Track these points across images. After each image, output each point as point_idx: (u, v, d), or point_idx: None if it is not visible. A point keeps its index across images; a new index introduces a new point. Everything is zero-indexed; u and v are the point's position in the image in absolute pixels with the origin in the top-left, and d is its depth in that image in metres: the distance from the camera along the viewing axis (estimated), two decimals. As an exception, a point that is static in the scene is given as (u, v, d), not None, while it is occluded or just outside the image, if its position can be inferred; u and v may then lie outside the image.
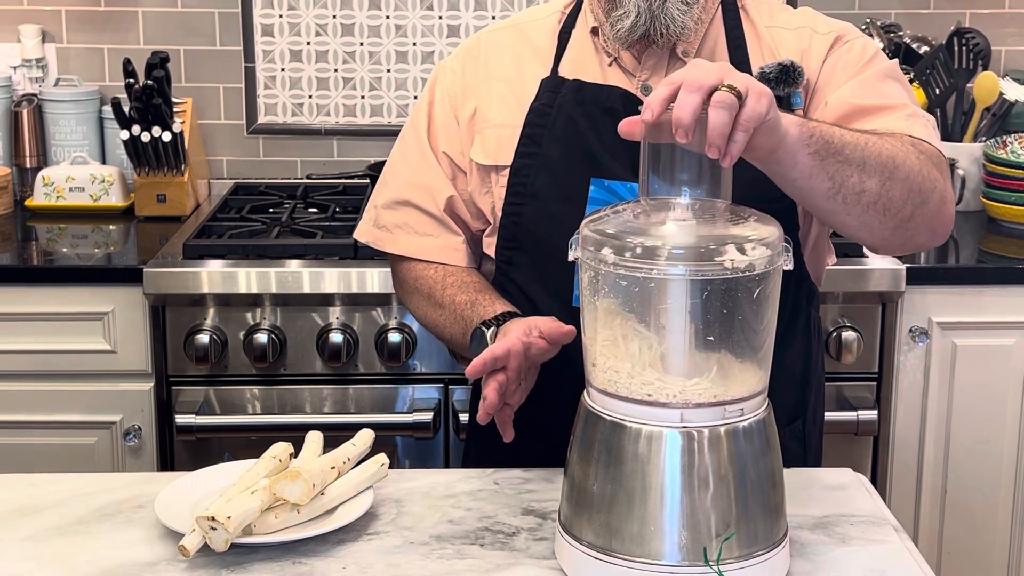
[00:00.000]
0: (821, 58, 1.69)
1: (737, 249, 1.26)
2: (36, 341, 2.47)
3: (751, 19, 1.73)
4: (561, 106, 1.69)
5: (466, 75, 1.78)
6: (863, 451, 2.54)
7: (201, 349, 2.42)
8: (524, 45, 1.77)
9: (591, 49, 1.73)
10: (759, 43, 1.71)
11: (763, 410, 1.32)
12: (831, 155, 1.43)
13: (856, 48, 1.71)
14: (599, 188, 1.65)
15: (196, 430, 2.45)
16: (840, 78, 1.67)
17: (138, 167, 2.79)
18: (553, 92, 1.71)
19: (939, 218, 1.58)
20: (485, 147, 1.73)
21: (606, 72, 1.71)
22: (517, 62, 1.76)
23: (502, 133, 1.72)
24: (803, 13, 1.77)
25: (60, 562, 1.39)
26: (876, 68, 1.68)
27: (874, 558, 1.40)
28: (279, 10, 3.03)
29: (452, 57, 1.83)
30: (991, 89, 2.90)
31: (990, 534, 2.57)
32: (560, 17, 1.77)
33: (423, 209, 1.78)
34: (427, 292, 1.77)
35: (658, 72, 1.69)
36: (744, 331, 1.28)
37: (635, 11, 1.63)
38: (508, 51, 1.77)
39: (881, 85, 1.67)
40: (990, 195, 2.82)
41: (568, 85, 1.71)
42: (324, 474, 1.47)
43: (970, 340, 2.51)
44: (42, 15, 3.01)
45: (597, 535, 1.30)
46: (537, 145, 1.69)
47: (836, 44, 1.70)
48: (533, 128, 1.70)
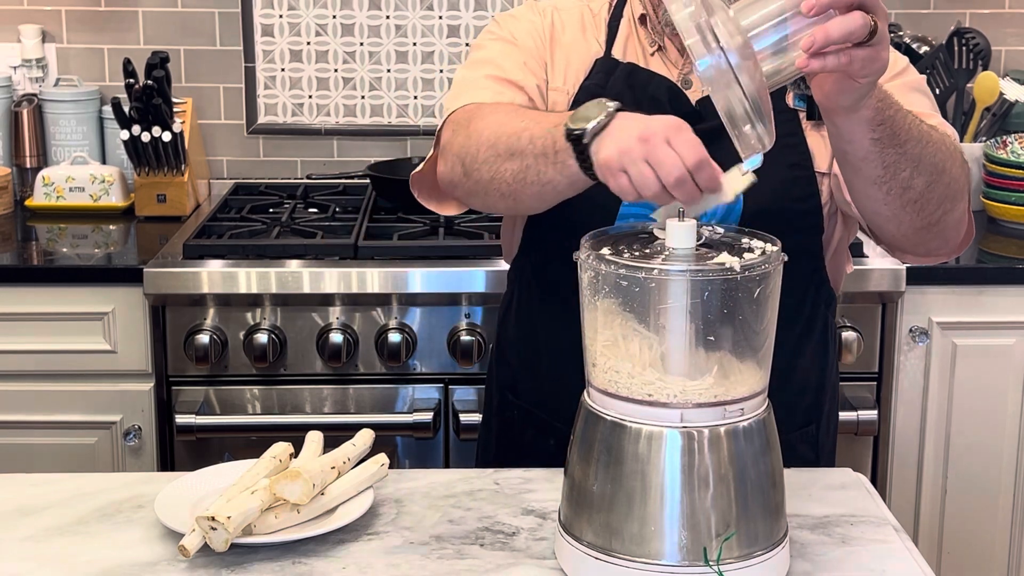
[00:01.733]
0: None
1: (730, 253, 1.27)
2: (36, 341, 2.47)
3: None
4: (612, 88, 1.69)
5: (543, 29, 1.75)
6: (863, 451, 2.54)
7: (201, 349, 2.42)
8: (587, 21, 1.76)
9: (635, 38, 1.73)
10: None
11: (763, 410, 1.32)
12: (893, 146, 1.44)
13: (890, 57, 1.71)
14: None
15: (196, 430, 2.45)
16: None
17: (138, 167, 2.79)
18: (606, 73, 1.71)
19: (957, 228, 1.60)
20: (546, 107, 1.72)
21: (649, 60, 1.71)
22: (579, 36, 1.75)
23: (557, 98, 1.71)
24: None
25: (60, 562, 1.39)
26: (906, 79, 1.69)
27: (874, 558, 1.40)
28: (279, 10, 3.03)
29: (524, 9, 1.79)
30: (991, 89, 2.90)
31: (990, 534, 2.57)
32: (610, 5, 1.77)
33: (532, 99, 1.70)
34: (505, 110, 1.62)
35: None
36: (744, 331, 1.28)
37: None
38: (573, 23, 1.76)
39: (910, 96, 1.66)
40: (990, 195, 2.82)
41: (621, 68, 1.71)
42: (324, 474, 1.47)
43: (970, 340, 2.51)
44: (42, 15, 3.01)
45: (597, 535, 1.30)
46: None
47: None
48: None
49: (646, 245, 1.32)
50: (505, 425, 1.84)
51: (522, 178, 1.51)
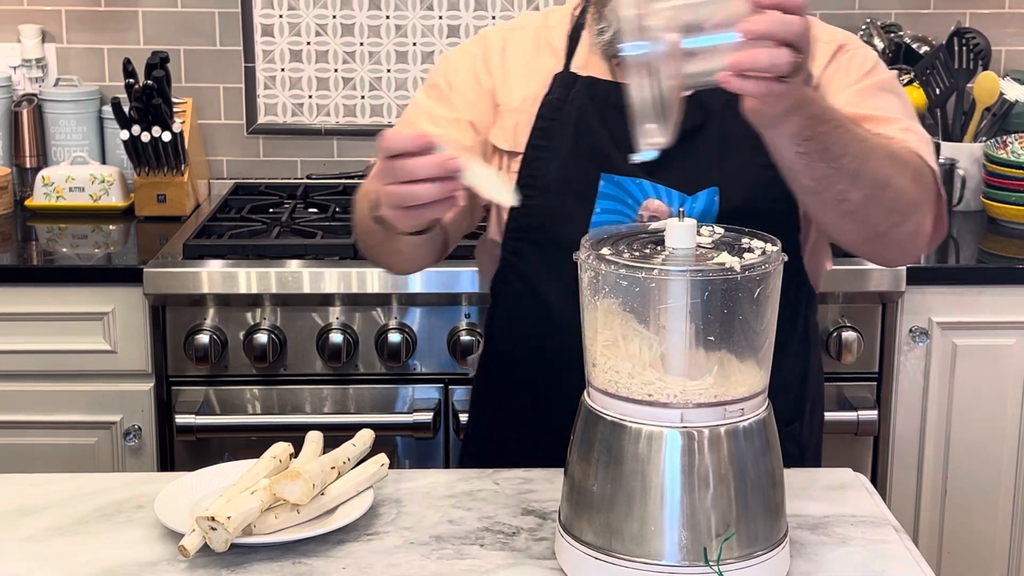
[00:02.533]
0: (822, 67, 1.68)
1: (730, 253, 1.27)
2: (36, 341, 2.47)
3: None
4: (573, 101, 1.70)
5: (484, 59, 1.77)
6: (863, 451, 2.54)
7: (201, 349, 2.42)
8: (541, 40, 1.77)
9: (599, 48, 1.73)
10: None
11: (763, 410, 1.32)
12: (824, 161, 1.42)
13: (857, 58, 1.70)
14: (609, 183, 1.65)
15: (196, 430, 2.45)
16: (838, 87, 1.67)
17: (138, 167, 2.79)
18: (566, 87, 1.71)
19: (913, 239, 1.59)
20: (503, 130, 1.73)
21: (615, 71, 1.71)
22: (533, 55, 1.76)
23: (518, 119, 1.72)
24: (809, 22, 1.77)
25: (60, 562, 1.39)
26: (875, 79, 1.68)
27: (874, 558, 1.40)
28: (279, 10, 3.03)
29: (468, 43, 1.82)
30: (991, 89, 2.90)
31: (990, 534, 2.57)
32: (571, 19, 1.77)
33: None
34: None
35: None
36: (744, 331, 1.28)
37: (614, 28, 1.63)
38: (525, 44, 1.77)
39: (878, 97, 1.67)
40: (990, 195, 2.82)
41: (581, 81, 1.71)
42: (324, 474, 1.47)
43: (970, 340, 2.51)
44: (42, 15, 3.01)
45: (597, 535, 1.30)
46: (548, 138, 1.70)
47: (838, 53, 1.69)
48: (546, 121, 1.70)
49: (646, 245, 1.32)
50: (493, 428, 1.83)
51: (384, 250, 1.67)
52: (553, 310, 1.68)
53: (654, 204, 1.62)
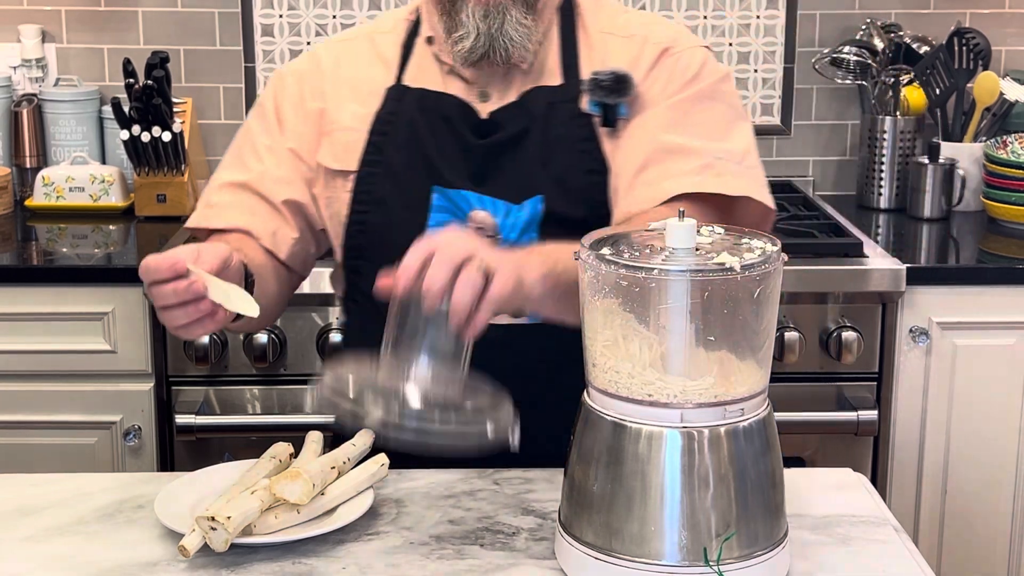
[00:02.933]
0: (644, 74, 1.66)
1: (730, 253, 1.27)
2: (36, 341, 2.47)
3: (585, 26, 1.71)
4: (404, 114, 1.68)
5: (313, 78, 1.75)
6: (863, 451, 2.54)
7: (201, 349, 2.42)
8: (372, 54, 1.75)
9: (431, 58, 1.72)
10: (590, 49, 1.70)
11: (763, 410, 1.32)
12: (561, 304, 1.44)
13: (682, 62, 1.67)
14: (441, 196, 1.64)
15: (196, 430, 2.45)
16: (657, 96, 1.65)
17: (138, 167, 2.79)
18: (397, 100, 1.70)
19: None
20: (333, 151, 1.71)
21: (446, 80, 1.70)
22: (365, 69, 1.74)
23: (349, 138, 1.70)
24: (642, 18, 1.75)
25: (60, 562, 1.39)
26: (697, 87, 1.66)
27: (874, 558, 1.40)
28: (279, 10, 3.03)
29: (298, 60, 1.80)
30: (991, 89, 2.90)
31: (990, 534, 2.57)
32: (405, 27, 1.76)
33: (263, 196, 1.72)
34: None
35: (494, 80, 1.68)
36: (744, 331, 1.28)
37: (474, 32, 1.62)
38: (356, 58, 1.75)
39: (694, 112, 1.64)
40: (990, 195, 2.82)
41: (411, 94, 1.69)
42: (324, 474, 1.47)
43: (970, 340, 2.51)
44: (42, 15, 3.02)
45: (597, 535, 1.30)
46: (381, 153, 1.68)
47: (661, 58, 1.67)
48: (378, 136, 1.69)
49: (647, 245, 1.32)
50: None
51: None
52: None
53: (479, 216, 1.60)
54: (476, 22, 1.62)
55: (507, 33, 1.63)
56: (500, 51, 1.63)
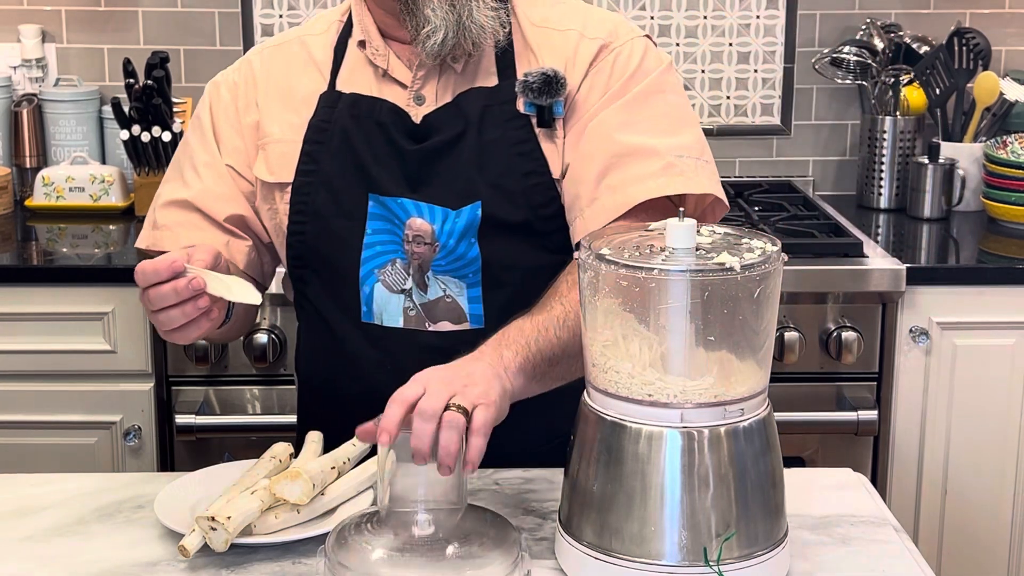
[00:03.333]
0: (583, 71, 1.63)
1: (730, 253, 1.27)
2: (36, 341, 2.47)
3: (518, 19, 1.67)
4: (337, 121, 1.65)
5: (246, 88, 1.72)
6: (863, 451, 2.54)
7: (201, 349, 2.42)
8: (304, 58, 1.71)
9: (364, 61, 1.67)
10: (524, 45, 1.66)
11: (763, 410, 1.32)
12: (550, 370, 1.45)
13: (621, 58, 1.63)
14: (376, 204, 1.62)
15: (196, 430, 2.45)
16: (597, 95, 1.62)
17: (138, 167, 2.79)
18: (330, 107, 1.66)
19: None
20: (268, 164, 1.68)
21: (380, 84, 1.66)
22: (297, 76, 1.70)
23: (284, 149, 1.67)
24: (576, 10, 1.69)
25: (60, 562, 1.39)
26: (640, 85, 1.62)
27: (874, 558, 1.40)
28: (279, 10, 3.03)
29: (231, 69, 1.77)
30: (991, 89, 2.90)
31: (990, 534, 2.57)
32: (337, 28, 1.71)
33: (206, 213, 1.70)
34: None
35: (430, 81, 1.64)
36: (744, 331, 1.28)
37: (443, 25, 1.57)
38: (288, 64, 1.72)
39: (642, 109, 1.61)
40: (990, 195, 2.82)
41: (344, 99, 1.65)
42: (324, 474, 1.47)
43: (970, 340, 2.51)
44: (42, 15, 3.01)
45: (597, 535, 1.30)
46: (316, 162, 1.65)
47: (600, 54, 1.63)
48: (312, 145, 1.65)
49: (647, 245, 1.32)
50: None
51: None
52: (337, 336, 1.67)
53: (416, 223, 1.60)
54: (444, 13, 1.57)
55: (477, 20, 1.58)
56: (472, 39, 1.58)
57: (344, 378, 1.67)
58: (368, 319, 1.64)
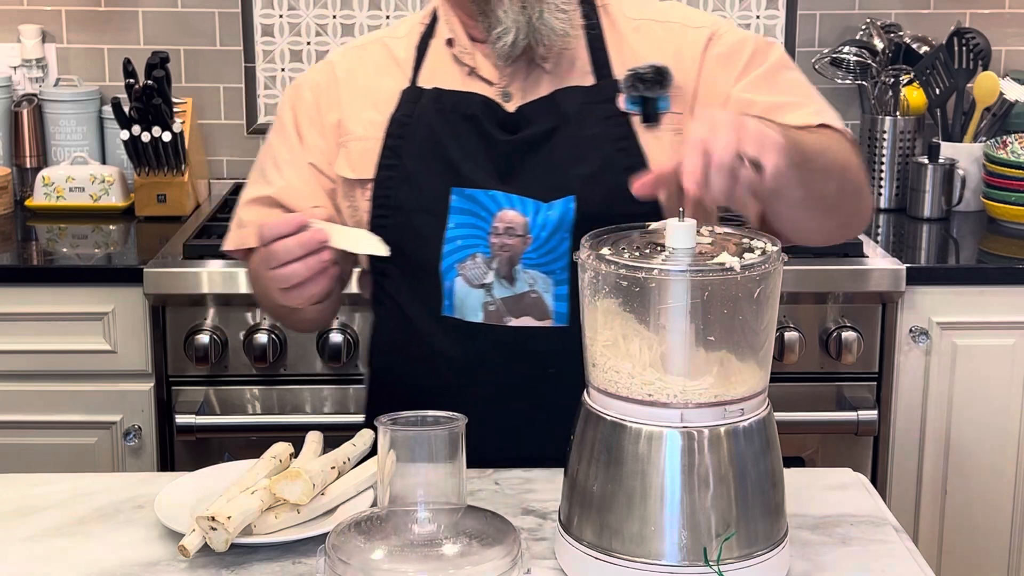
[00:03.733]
0: (698, 58, 1.64)
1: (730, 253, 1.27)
2: (36, 341, 2.47)
3: (612, 17, 1.68)
4: (420, 116, 1.66)
5: (328, 88, 1.74)
6: (863, 451, 2.54)
7: (201, 349, 2.42)
8: (386, 58, 1.73)
9: (449, 60, 1.69)
10: (620, 43, 1.67)
11: (763, 410, 1.32)
12: (805, 163, 1.42)
13: (734, 41, 1.66)
14: (460, 197, 1.62)
15: (196, 430, 2.45)
16: (724, 76, 1.63)
17: (138, 167, 2.79)
18: (412, 102, 1.67)
19: (869, 209, 1.63)
20: (350, 161, 1.70)
21: (466, 82, 1.67)
22: (379, 75, 1.72)
23: (365, 146, 1.69)
24: (674, 6, 1.72)
25: (60, 562, 1.39)
26: (766, 64, 1.65)
27: (874, 558, 1.40)
28: (279, 10, 3.03)
29: (313, 71, 1.78)
30: (991, 89, 2.90)
31: (990, 534, 2.57)
32: (420, 31, 1.74)
33: (288, 209, 1.71)
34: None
35: (516, 80, 1.65)
36: (744, 331, 1.28)
37: (515, 26, 1.59)
38: (370, 64, 1.74)
39: (779, 80, 1.64)
40: (990, 195, 2.82)
41: (427, 94, 1.67)
42: (324, 474, 1.47)
43: (970, 340, 2.51)
44: (42, 15, 3.02)
45: (597, 535, 1.30)
46: (398, 157, 1.66)
47: (712, 41, 1.65)
48: (394, 140, 1.67)
49: (647, 245, 1.32)
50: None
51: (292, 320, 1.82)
52: (416, 330, 1.67)
53: (508, 215, 1.60)
54: (515, 15, 1.59)
55: (547, 21, 1.60)
56: (543, 41, 1.60)
57: (421, 372, 1.67)
58: (448, 313, 1.64)
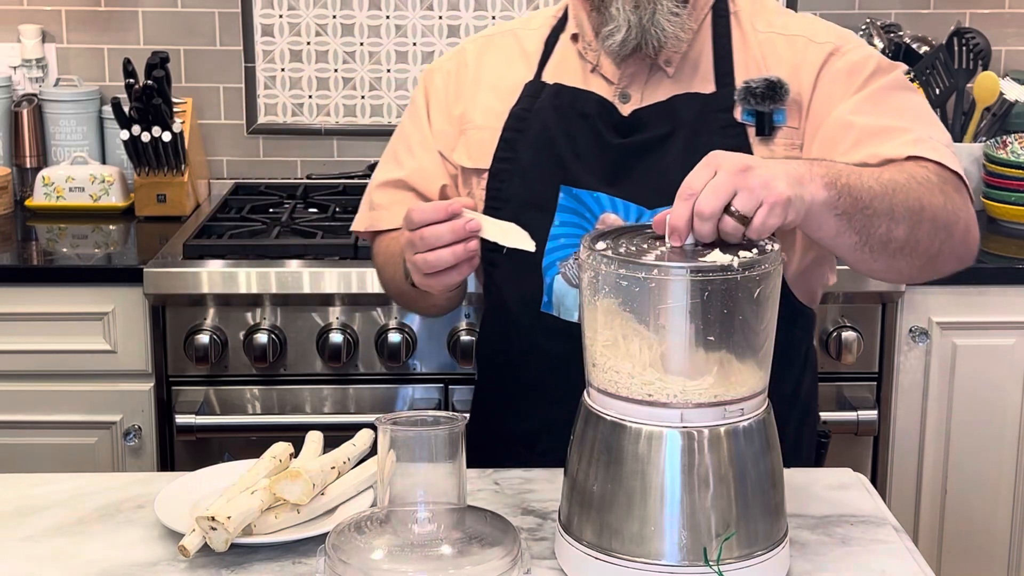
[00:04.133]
0: (815, 72, 1.63)
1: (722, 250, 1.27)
2: (36, 341, 2.47)
3: (742, 26, 1.68)
4: (539, 111, 1.67)
5: (458, 77, 1.77)
6: (863, 451, 2.54)
7: (201, 349, 2.42)
8: (516, 50, 1.76)
9: (574, 55, 1.71)
10: (746, 53, 1.66)
11: (763, 410, 1.32)
12: (859, 211, 1.40)
13: (855, 59, 1.63)
14: (567, 196, 1.63)
15: (196, 430, 2.45)
16: (839, 94, 1.61)
17: (138, 167, 2.79)
18: (533, 96, 1.69)
19: (964, 246, 1.55)
20: (468, 149, 1.72)
21: (587, 78, 1.68)
22: (507, 66, 1.74)
23: (483, 136, 1.71)
24: (802, 19, 1.71)
25: (60, 562, 1.39)
26: (881, 82, 1.62)
27: (874, 558, 1.40)
28: (279, 10, 3.03)
29: (446, 57, 1.82)
30: (991, 89, 2.90)
31: (990, 534, 2.57)
32: (551, 24, 1.75)
33: (419, 191, 1.76)
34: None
35: (637, 80, 1.66)
36: (744, 331, 1.28)
37: (625, 25, 1.60)
38: (500, 55, 1.76)
39: (887, 101, 1.60)
40: (990, 195, 2.82)
41: (548, 90, 1.69)
42: (324, 474, 1.47)
43: (970, 340, 2.51)
44: (42, 15, 3.02)
45: (597, 535, 1.30)
46: (513, 150, 1.68)
47: (832, 56, 1.63)
48: (511, 133, 1.69)
49: (647, 244, 1.32)
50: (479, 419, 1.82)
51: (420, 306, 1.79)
52: (517, 323, 1.68)
53: (610, 218, 1.60)
54: (627, 14, 1.59)
55: (659, 23, 1.59)
56: (652, 42, 1.60)
57: (521, 366, 1.68)
58: (547, 310, 1.65)
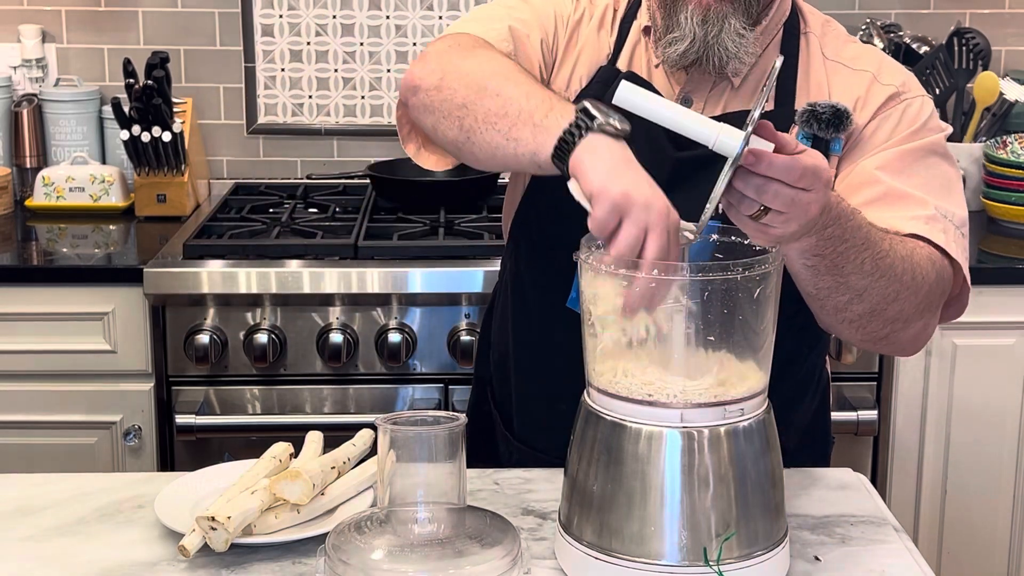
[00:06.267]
0: (871, 113, 1.60)
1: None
2: (36, 341, 2.47)
3: (810, 49, 1.65)
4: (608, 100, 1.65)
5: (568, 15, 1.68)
6: (863, 451, 2.54)
7: (201, 349, 2.42)
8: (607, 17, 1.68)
9: (642, 47, 1.66)
10: (809, 77, 1.63)
11: (763, 410, 1.32)
12: (830, 274, 1.39)
13: (911, 110, 1.61)
14: None
15: (196, 430, 2.45)
16: (880, 139, 1.59)
17: (138, 167, 2.79)
18: (605, 84, 1.62)
19: (914, 342, 1.55)
20: None
21: (652, 73, 1.65)
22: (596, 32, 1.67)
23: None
24: (869, 53, 1.67)
25: (60, 562, 1.39)
26: (922, 140, 1.59)
27: (874, 558, 1.40)
28: (279, 10, 3.03)
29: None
30: (991, 89, 2.90)
31: (990, 534, 2.57)
32: (625, 5, 1.69)
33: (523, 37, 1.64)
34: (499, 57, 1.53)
35: (701, 87, 1.62)
36: (744, 331, 1.28)
37: (690, 36, 1.56)
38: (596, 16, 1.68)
39: (917, 163, 1.58)
40: (990, 195, 2.82)
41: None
42: (324, 474, 1.47)
43: (970, 340, 2.51)
44: (42, 15, 3.01)
45: (597, 535, 1.30)
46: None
47: (891, 101, 1.61)
48: None
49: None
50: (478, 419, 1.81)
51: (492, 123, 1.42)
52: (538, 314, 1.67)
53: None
54: (693, 26, 1.55)
55: (723, 42, 1.55)
56: (714, 59, 1.56)
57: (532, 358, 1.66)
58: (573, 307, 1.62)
